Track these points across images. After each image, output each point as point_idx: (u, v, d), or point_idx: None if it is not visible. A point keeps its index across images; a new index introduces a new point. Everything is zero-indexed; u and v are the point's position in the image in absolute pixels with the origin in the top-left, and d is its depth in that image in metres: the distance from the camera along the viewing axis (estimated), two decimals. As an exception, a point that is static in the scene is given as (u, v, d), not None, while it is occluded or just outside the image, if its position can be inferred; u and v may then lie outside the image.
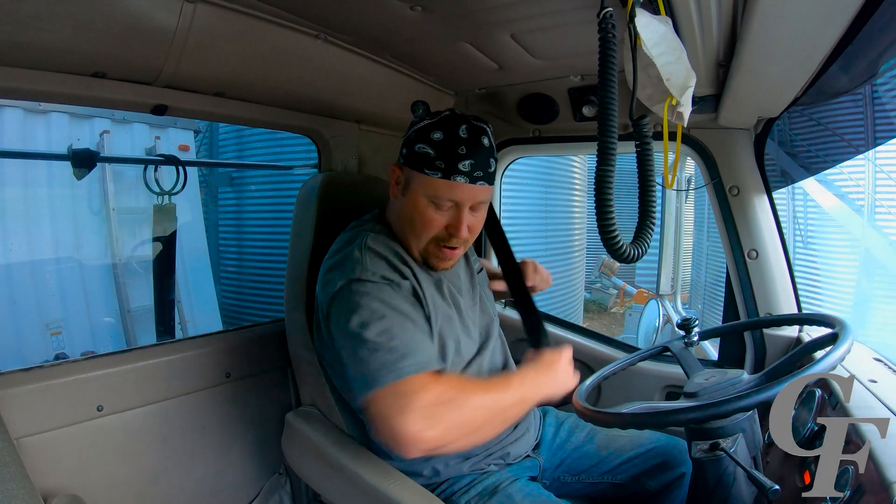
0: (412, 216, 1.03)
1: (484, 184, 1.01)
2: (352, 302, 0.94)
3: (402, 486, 1.00)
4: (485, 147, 1.01)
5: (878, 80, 2.44)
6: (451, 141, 0.99)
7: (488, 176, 1.02)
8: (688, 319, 1.18)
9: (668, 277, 4.08)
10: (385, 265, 1.01)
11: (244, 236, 4.43)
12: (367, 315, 0.91)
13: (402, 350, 0.88)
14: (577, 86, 1.40)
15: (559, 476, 1.21)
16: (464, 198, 1.00)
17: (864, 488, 0.73)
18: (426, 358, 0.90)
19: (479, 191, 1.01)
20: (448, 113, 1.03)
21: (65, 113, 3.27)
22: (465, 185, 0.99)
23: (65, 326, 3.23)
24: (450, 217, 1.02)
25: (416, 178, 1.02)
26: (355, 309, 0.93)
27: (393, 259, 1.02)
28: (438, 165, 0.98)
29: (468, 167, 0.98)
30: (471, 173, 0.99)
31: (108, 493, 1.12)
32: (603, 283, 7.98)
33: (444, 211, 1.01)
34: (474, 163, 0.99)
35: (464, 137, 0.99)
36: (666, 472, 1.16)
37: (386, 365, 0.87)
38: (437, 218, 1.02)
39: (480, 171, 1.00)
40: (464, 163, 0.98)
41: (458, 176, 0.98)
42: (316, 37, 1.10)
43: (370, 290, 0.95)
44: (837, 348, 0.82)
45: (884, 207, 4.08)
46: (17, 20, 0.78)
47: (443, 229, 1.02)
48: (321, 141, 1.49)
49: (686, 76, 0.80)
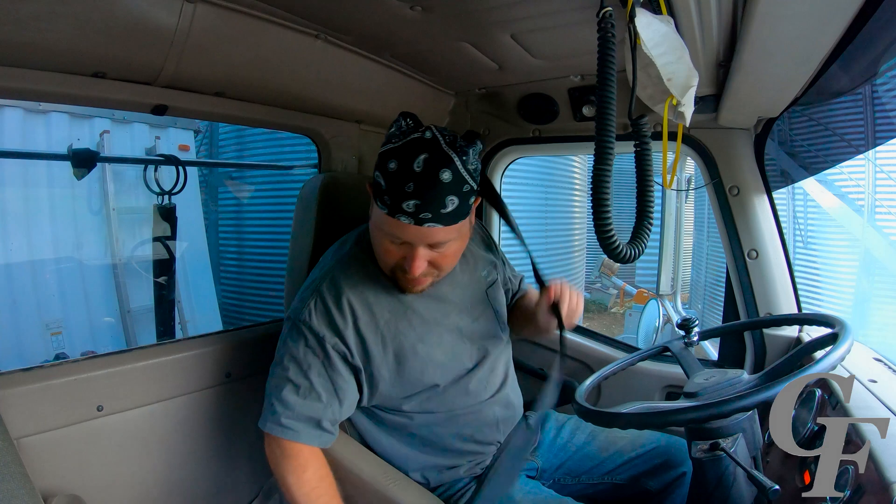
0: (375, 241, 1.00)
1: (435, 226, 0.91)
2: (286, 340, 1.03)
3: (403, 487, 1.00)
4: (441, 184, 0.89)
5: (878, 80, 2.44)
6: (402, 175, 0.89)
7: (442, 217, 0.90)
8: (688, 319, 1.18)
9: (668, 277, 4.08)
10: (324, 322, 1.00)
11: (244, 236, 4.43)
12: (286, 360, 1.01)
13: (294, 414, 0.98)
14: (577, 86, 1.40)
15: (559, 478, 1.21)
16: (412, 239, 0.93)
17: (864, 488, 0.73)
18: (307, 437, 0.99)
19: (429, 233, 0.91)
20: (416, 136, 0.91)
21: (65, 113, 3.27)
22: (410, 227, 0.91)
23: (65, 326, 3.23)
24: (405, 251, 0.96)
25: (372, 206, 0.98)
26: (283, 348, 1.03)
27: (335, 314, 1.00)
28: (385, 200, 0.91)
29: (412, 208, 0.88)
30: (415, 214, 0.89)
31: (108, 493, 1.12)
32: (603, 283, 7.97)
33: (398, 245, 0.95)
34: (420, 203, 0.88)
35: (416, 171, 0.88)
36: (667, 471, 1.16)
37: (276, 415, 0.99)
38: (392, 250, 0.96)
39: (429, 213, 0.89)
40: (408, 203, 0.88)
41: (401, 216, 0.90)
42: (316, 37, 1.10)
43: (298, 343, 1.00)
44: (837, 348, 0.82)
45: (884, 207, 4.08)
46: (17, 20, 0.78)
47: (401, 260, 0.97)
48: (321, 141, 1.49)
49: (688, 76, 0.80)
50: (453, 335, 1.10)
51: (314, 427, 0.99)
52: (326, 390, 0.99)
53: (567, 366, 1.65)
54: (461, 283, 1.15)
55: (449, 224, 0.92)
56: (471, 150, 0.93)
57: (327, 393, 1.00)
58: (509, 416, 1.16)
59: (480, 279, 1.18)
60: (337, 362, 1.00)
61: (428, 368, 1.05)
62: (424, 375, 1.05)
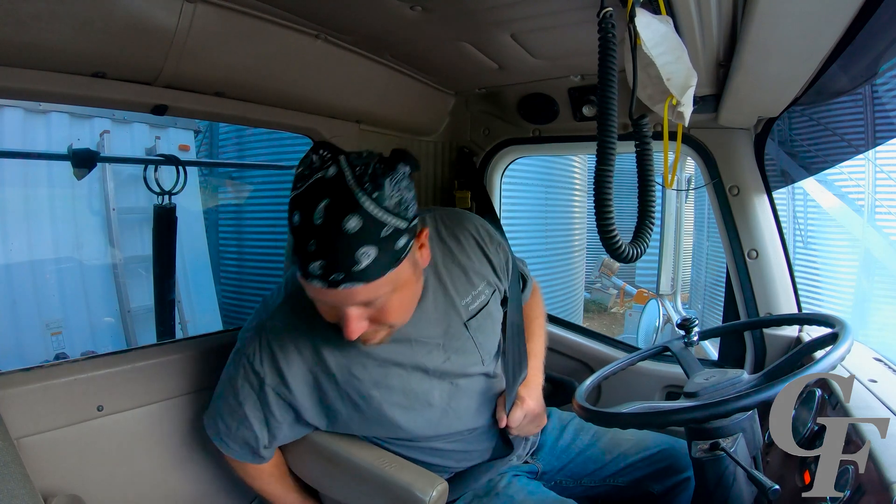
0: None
1: (353, 285, 0.76)
2: (231, 362, 1.02)
3: (400, 468, 1.00)
4: (347, 236, 0.73)
5: (878, 80, 2.44)
6: (304, 230, 0.75)
7: (357, 275, 0.76)
8: (688, 319, 1.18)
9: (668, 277, 4.08)
10: (268, 365, 0.95)
11: (244, 236, 4.43)
12: (227, 384, 1.01)
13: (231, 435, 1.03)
14: (577, 86, 1.41)
15: (560, 480, 1.20)
16: (333, 302, 0.81)
17: (864, 488, 0.73)
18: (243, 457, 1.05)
19: (348, 294, 0.77)
20: (318, 176, 0.76)
21: (65, 113, 3.27)
22: (324, 290, 0.77)
23: (65, 326, 3.23)
24: (337, 312, 0.83)
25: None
26: (228, 368, 1.02)
27: (280, 359, 0.95)
28: (296, 261, 0.78)
29: (319, 270, 0.75)
30: (324, 277, 0.76)
31: (108, 493, 1.12)
32: (603, 283, 7.98)
33: (328, 307, 0.84)
34: (326, 263, 0.75)
35: (317, 225, 0.74)
36: (671, 475, 1.16)
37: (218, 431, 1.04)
38: (326, 311, 0.85)
39: (340, 273, 0.75)
40: (313, 265, 0.75)
41: (312, 280, 0.77)
42: (316, 37, 1.10)
43: (238, 373, 0.99)
44: (837, 348, 0.82)
45: (884, 207, 4.08)
46: (17, 20, 0.78)
47: (339, 320, 0.84)
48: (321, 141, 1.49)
49: (687, 76, 0.80)
50: (417, 375, 1.00)
51: (249, 452, 1.05)
52: (259, 423, 1.00)
53: (567, 366, 1.66)
54: (432, 319, 1.01)
55: (371, 280, 0.77)
56: (386, 181, 0.76)
57: (259, 425, 1.00)
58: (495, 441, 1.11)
59: (459, 310, 1.03)
60: (273, 404, 0.98)
61: (386, 412, 0.98)
62: (383, 419, 0.99)
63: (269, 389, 0.97)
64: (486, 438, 1.10)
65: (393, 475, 0.98)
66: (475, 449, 1.09)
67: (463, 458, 1.09)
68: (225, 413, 1.02)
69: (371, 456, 1.04)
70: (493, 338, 1.10)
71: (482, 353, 1.06)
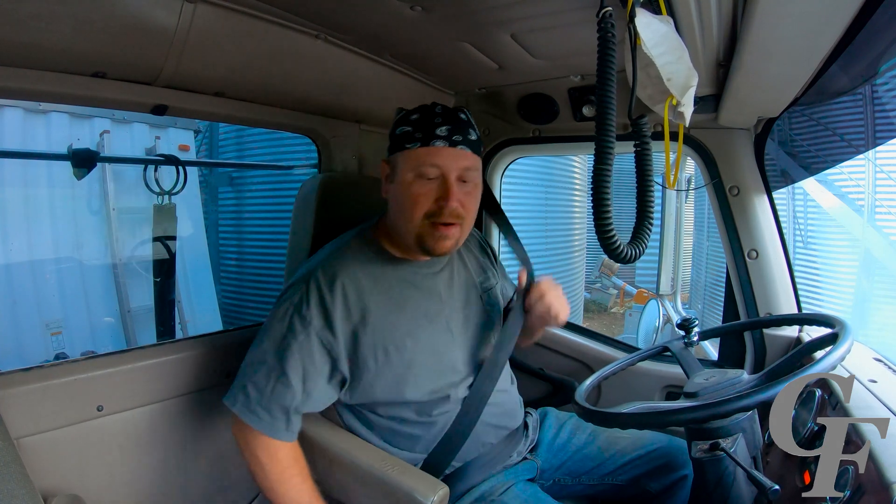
0: (402, 198, 1.03)
1: (465, 149, 1.02)
2: (271, 321, 1.03)
3: (402, 471, 1.00)
4: (462, 119, 1.04)
5: (878, 80, 2.44)
6: (428, 114, 1.03)
7: (470, 143, 1.03)
8: (688, 319, 1.18)
9: (668, 277, 4.08)
10: (315, 307, 1.00)
11: (244, 236, 4.43)
12: (267, 342, 1.02)
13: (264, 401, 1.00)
14: (577, 86, 1.40)
15: (559, 478, 1.21)
16: (446, 163, 1.00)
17: (864, 488, 0.73)
18: (274, 430, 1.00)
19: (461, 155, 1.01)
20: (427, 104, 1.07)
21: (65, 113, 3.27)
22: (445, 149, 1.00)
23: (65, 326, 3.23)
24: (438, 188, 1.01)
25: (399, 159, 1.03)
26: (266, 329, 1.03)
27: (327, 299, 1.00)
28: (417, 136, 1.01)
29: (445, 132, 1.00)
30: (449, 137, 1.00)
31: (108, 493, 1.12)
32: (603, 283, 7.99)
33: (431, 182, 1.01)
34: (451, 127, 1.01)
35: (439, 112, 1.03)
36: (668, 474, 1.16)
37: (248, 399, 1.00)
38: (425, 192, 1.01)
39: (459, 136, 1.01)
40: (441, 129, 1.01)
41: (436, 140, 1.00)
42: (316, 37, 1.10)
43: (283, 324, 1.01)
44: (837, 348, 0.82)
45: (884, 207, 4.08)
46: (17, 20, 0.78)
47: (433, 203, 1.01)
48: (321, 141, 1.49)
49: (687, 76, 0.80)
50: (444, 338, 1.09)
51: (282, 415, 1.00)
52: (298, 377, 0.99)
53: (567, 366, 1.65)
54: (457, 281, 1.16)
55: (475, 151, 1.05)
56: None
57: (297, 379, 0.99)
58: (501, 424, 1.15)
59: (476, 282, 1.20)
60: (316, 351, 1.00)
61: (410, 371, 1.04)
62: (407, 374, 1.04)
63: (314, 335, 1.00)
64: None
65: (395, 478, 0.98)
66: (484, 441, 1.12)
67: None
68: (259, 376, 1.01)
69: (372, 458, 1.04)
70: (497, 321, 1.22)
71: (493, 327, 1.18)
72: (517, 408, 1.21)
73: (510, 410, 1.18)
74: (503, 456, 1.14)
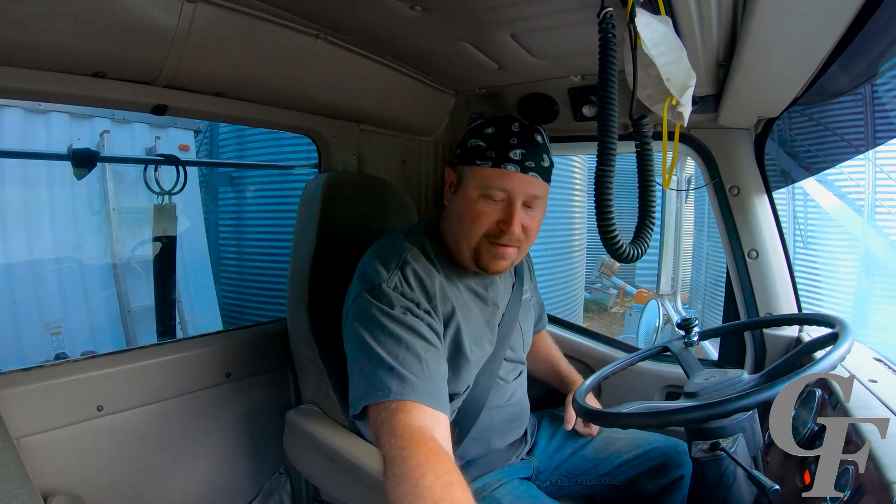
0: (463, 212, 1.01)
1: (536, 176, 0.99)
2: (367, 311, 0.93)
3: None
4: (538, 143, 1.01)
5: (878, 80, 2.44)
6: (503, 133, 1.00)
7: (542, 170, 1.00)
8: (688, 319, 1.18)
9: (668, 277, 4.07)
10: (417, 287, 0.96)
11: (244, 236, 4.43)
12: (377, 331, 0.90)
13: (425, 371, 0.87)
14: (577, 86, 1.40)
15: (555, 479, 1.21)
16: (515, 188, 0.98)
17: (864, 488, 0.73)
18: (439, 403, 0.86)
19: (531, 182, 0.99)
20: (503, 116, 1.04)
21: (65, 113, 3.27)
22: (516, 174, 0.97)
23: (65, 326, 3.23)
24: (502, 211, 0.99)
25: (467, 172, 1.02)
26: (366, 320, 0.92)
27: (426, 280, 0.98)
28: (489, 155, 0.98)
29: (519, 156, 0.98)
30: (522, 162, 0.98)
31: (108, 493, 1.12)
32: (603, 283, 7.98)
33: (496, 203, 0.99)
34: (525, 153, 0.98)
35: (515, 131, 1.00)
36: (665, 474, 1.16)
37: (406, 381, 0.84)
38: (488, 212, 0.99)
39: (532, 163, 0.98)
40: (515, 151, 0.98)
41: (508, 164, 0.97)
42: (316, 37, 1.10)
43: (391, 305, 0.92)
44: (837, 348, 0.82)
45: (884, 207, 4.08)
46: (17, 20, 0.78)
47: (494, 225, 0.99)
48: (321, 141, 1.49)
49: (686, 76, 0.80)
50: (491, 348, 1.10)
51: (445, 386, 0.90)
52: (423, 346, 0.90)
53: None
54: (503, 291, 1.16)
55: (545, 179, 1.02)
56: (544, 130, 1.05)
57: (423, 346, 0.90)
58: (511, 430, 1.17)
59: (517, 292, 1.20)
60: (426, 325, 0.93)
61: (458, 374, 1.03)
62: (458, 384, 1.04)
63: (423, 312, 0.94)
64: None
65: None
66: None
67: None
68: (402, 355, 0.87)
69: (371, 456, 1.04)
70: (530, 336, 1.25)
71: (524, 338, 1.21)
72: (526, 416, 1.22)
73: (520, 418, 1.19)
74: (503, 459, 1.14)
